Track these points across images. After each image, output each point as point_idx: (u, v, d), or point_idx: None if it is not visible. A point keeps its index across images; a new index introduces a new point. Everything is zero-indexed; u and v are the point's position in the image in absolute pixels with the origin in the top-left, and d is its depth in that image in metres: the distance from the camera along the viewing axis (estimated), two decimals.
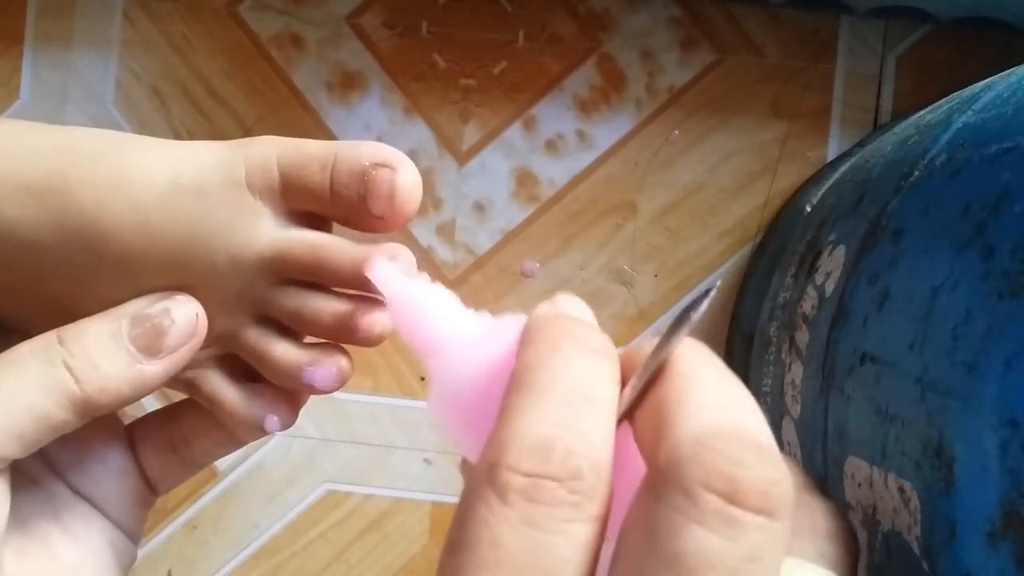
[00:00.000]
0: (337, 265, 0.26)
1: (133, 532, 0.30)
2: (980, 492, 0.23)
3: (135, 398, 0.26)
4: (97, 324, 0.26)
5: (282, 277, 0.27)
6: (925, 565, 0.25)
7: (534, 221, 0.49)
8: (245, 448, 0.48)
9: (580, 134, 0.49)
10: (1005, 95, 0.30)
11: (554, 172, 0.49)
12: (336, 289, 0.28)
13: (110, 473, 0.30)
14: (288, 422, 0.29)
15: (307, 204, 0.27)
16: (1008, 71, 0.33)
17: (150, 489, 0.31)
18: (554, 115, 0.49)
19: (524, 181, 0.49)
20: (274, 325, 0.28)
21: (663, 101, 0.49)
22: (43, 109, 0.49)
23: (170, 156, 0.27)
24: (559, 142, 0.49)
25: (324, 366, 0.27)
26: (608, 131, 0.49)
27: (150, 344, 0.26)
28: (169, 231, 0.26)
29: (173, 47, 0.49)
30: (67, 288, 0.26)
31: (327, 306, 0.27)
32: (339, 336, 0.27)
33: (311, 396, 0.30)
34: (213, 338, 0.27)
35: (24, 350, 0.25)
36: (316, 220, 0.28)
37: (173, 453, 0.30)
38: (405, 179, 0.26)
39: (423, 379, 0.49)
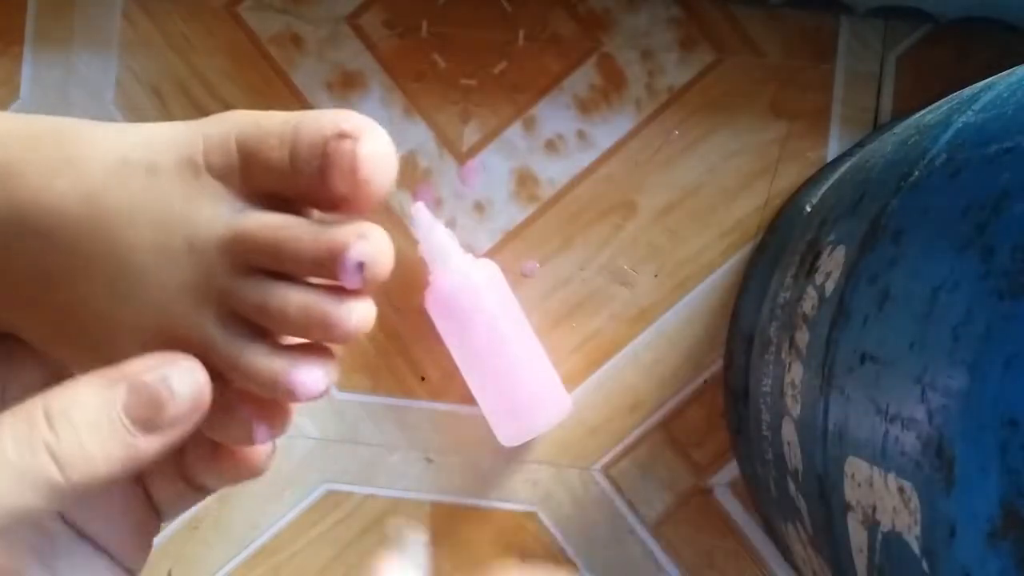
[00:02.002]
0: (298, 248, 0.24)
1: (135, 567, 0.28)
2: (980, 492, 0.23)
3: (125, 476, 0.24)
4: (88, 392, 0.23)
5: (243, 264, 0.24)
6: (925, 565, 0.25)
7: (534, 221, 0.49)
8: None
9: (580, 134, 0.49)
10: (1005, 95, 0.30)
11: (554, 172, 0.49)
12: (309, 281, 0.25)
13: (115, 504, 0.28)
14: (277, 431, 0.26)
15: (269, 183, 0.24)
16: (1008, 71, 0.33)
17: (156, 517, 0.29)
18: (554, 115, 0.49)
19: (524, 181, 0.49)
20: (245, 326, 0.25)
21: (663, 101, 0.49)
22: (43, 109, 0.49)
23: (125, 134, 0.25)
24: (559, 142, 0.49)
25: (304, 370, 0.25)
26: (608, 131, 0.49)
27: (146, 417, 0.23)
28: (115, 206, 0.24)
29: (173, 47, 0.49)
30: (15, 272, 0.25)
31: (294, 297, 0.24)
32: (310, 331, 0.24)
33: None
34: (183, 344, 0.25)
35: (4, 433, 0.22)
36: (286, 204, 0.25)
37: (184, 482, 0.28)
38: (368, 149, 0.23)
39: (423, 379, 0.49)
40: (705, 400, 0.49)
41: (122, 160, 0.24)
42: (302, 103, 0.49)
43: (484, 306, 0.45)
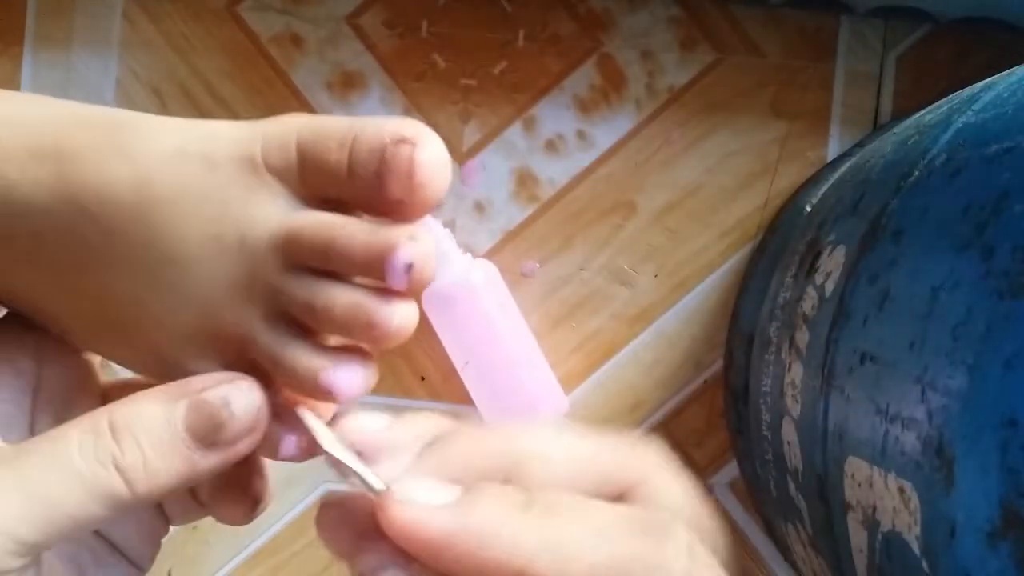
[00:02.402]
0: (348, 248, 0.24)
1: (144, 563, 0.29)
2: (980, 492, 0.23)
3: (182, 489, 0.24)
4: (151, 406, 0.24)
5: (294, 263, 0.25)
6: (925, 565, 0.25)
7: (534, 221, 0.49)
8: None
9: (580, 134, 0.49)
10: (1005, 95, 0.30)
11: (554, 172, 0.49)
12: (356, 281, 0.25)
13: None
14: (303, 447, 0.26)
15: (325, 185, 0.25)
16: (1008, 71, 0.33)
17: (166, 523, 0.30)
18: (554, 115, 0.49)
19: (524, 181, 0.49)
20: (288, 323, 0.25)
21: (663, 101, 0.49)
22: None
23: (184, 127, 0.25)
24: (559, 142, 0.49)
25: (344, 368, 0.25)
26: (608, 131, 0.49)
27: (206, 435, 0.24)
28: (168, 195, 0.24)
29: (173, 47, 0.49)
30: (64, 259, 0.25)
31: (340, 296, 0.24)
32: (354, 330, 0.25)
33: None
34: (226, 339, 0.25)
35: (71, 443, 0.23)
36: (341, 207, 0.25)
37: (192, 500, 0.29)
38: (426, 155, 0.24)
39: (423, 379, 0.49)
40: (705, 400, 0.49)
41: (179, 150, 0.24)
42: (302, 103, 0.49)
43: (481, 306, 0.45)
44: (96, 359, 0.30)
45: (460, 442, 0.24)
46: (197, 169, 0.24)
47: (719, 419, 0.49)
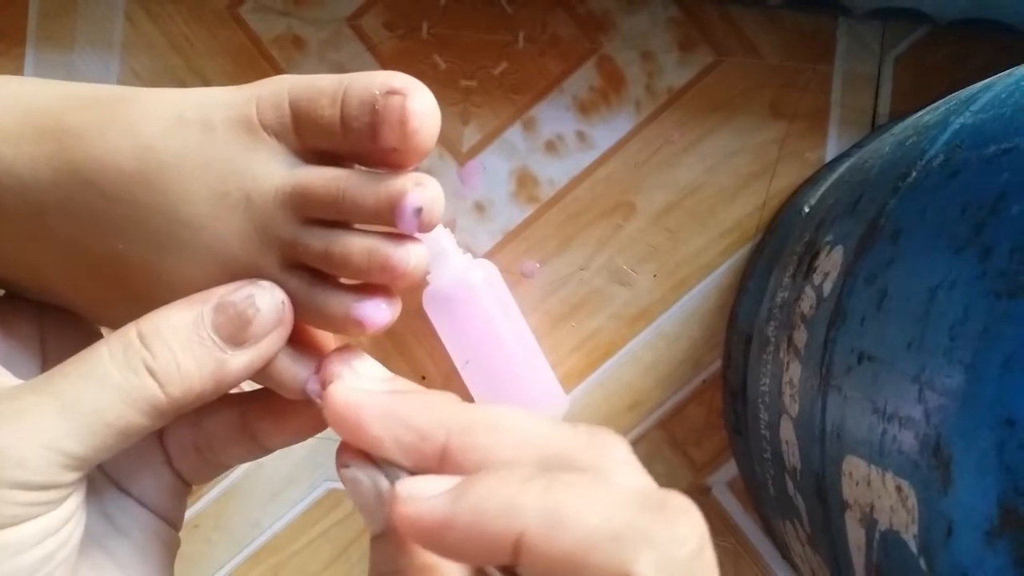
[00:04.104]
0: (359, 198, 0.25)
1: (175, 521, 0.30)
2: (977, 491, 0.23)
3: (217, 393, 0.25)
4: (177, 313, 0.24)
5: (304, 216, 0.26)
6: (923, 564, 0.25)
7: (534, 221, 0.49)
8: None
9: (580, 135, 0.49)
10: (1003, 96, 0.30)
11: (554, 172, 0.49)
12: (363, 227, 0.26)
13: (147, 467, 0.29)
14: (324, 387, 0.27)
15: (320, 140, 0.26)
16: (1006, 72, 0.33)
17: (183, 482, 0.30)
18: (554, 116, 0.49)
19: (524, 181, 0.49)
20: (305, 271, 0.26)
21: (662, 102, 0.49)
22: None
23: (180, 96, 0.26)
24: (559, 143, 0.49)
25: (372, 300, 0.26)
26: (608, 132, 0.49)
27: (234, 333, 0.25)
28: (170, 161, 0.25)
29: (174, 48, 0.49)
30: (72, 232, 0.26)
31: (356, 242, 0.25)
32: (372, 273, 0.26)
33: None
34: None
35: (103, 356, 0.24)
36: (335, 160, 0.26)
37: (198, 455, 0.29)
38: (416, 104, 0.25)
39: (423, 379, 0.49)
40: (704, 399, 0.49)
41: (177, 118, 0.25)
42: None
43: (481, 306, 0.45)
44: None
45: (416, 398, 0.24)
46: (197, 133, 0.25)
47: (718, 418, 0.49)
